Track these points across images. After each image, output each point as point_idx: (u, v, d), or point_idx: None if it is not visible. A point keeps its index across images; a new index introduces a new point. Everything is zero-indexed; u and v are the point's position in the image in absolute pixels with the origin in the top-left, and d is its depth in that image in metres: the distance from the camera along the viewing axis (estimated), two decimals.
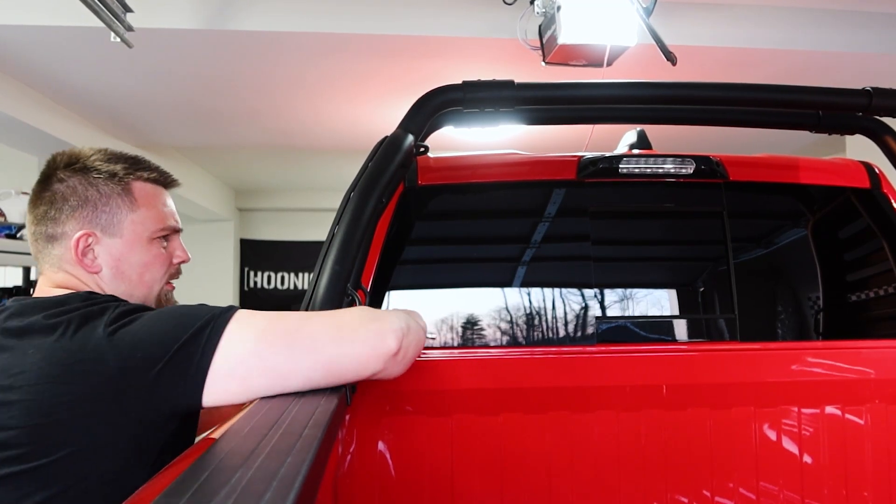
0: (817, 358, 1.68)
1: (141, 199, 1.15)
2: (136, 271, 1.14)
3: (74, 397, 0.89)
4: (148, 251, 1.15)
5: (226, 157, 6.62)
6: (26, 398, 0.90)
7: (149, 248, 1.15)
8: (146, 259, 1.15)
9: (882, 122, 1.77)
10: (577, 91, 1.67)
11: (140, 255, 1.15)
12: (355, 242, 1.27)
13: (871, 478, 1.63)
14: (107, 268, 1.12)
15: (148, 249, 1.15)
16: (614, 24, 2.69)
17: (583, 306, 1.74)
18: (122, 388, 0.90)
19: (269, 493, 0.54)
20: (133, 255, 1.14)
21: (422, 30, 3.35)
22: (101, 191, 1.12)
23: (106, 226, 1.12)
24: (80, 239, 1.10)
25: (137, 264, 1.14)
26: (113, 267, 1.12)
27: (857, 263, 1.85)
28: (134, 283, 1.14)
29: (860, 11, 3.45)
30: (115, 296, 1.08)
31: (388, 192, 1.42)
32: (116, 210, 1.13)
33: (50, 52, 3.52)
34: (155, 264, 1.16)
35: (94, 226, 1.11)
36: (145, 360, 0.90)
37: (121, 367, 0.90)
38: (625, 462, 1.60)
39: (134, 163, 1.18)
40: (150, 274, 1.16)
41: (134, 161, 1.18)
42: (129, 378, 0.90)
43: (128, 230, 1.13)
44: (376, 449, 1.53)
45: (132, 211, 1.14)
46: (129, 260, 1.13)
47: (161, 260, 1.18)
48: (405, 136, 1.46)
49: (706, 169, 1.79)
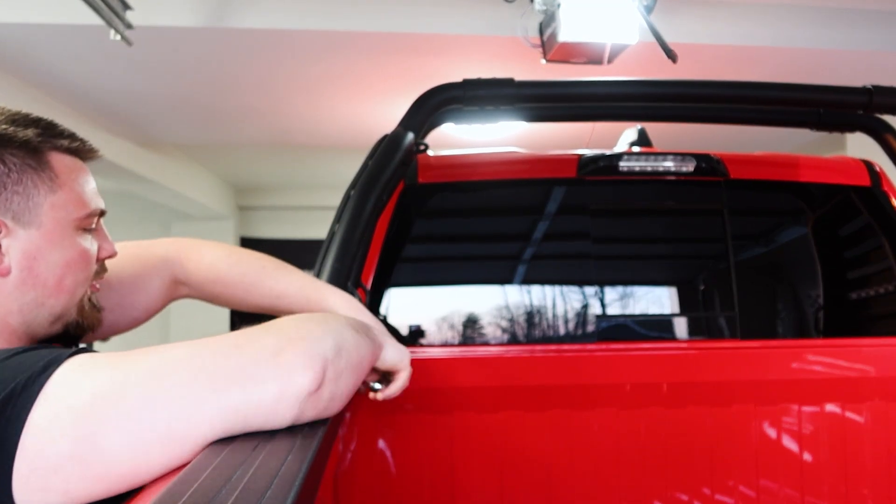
0: (817, 356, 1.68)
1: (62, 176, 0.86)
2: (55, 273, 0.85)
3: None
4: (72, 245, 0.86)
5: (226, 155, 6.61)
6: None
7: (72, 242, 0.87)
8: (69, 256, 0.86)
9: (882, 120, 1.77)
10: (577, 89, 1.67)
11: (62, 251, 0.85)
12: (355, 240, 1.27)
13: (870, 475, 1.63)
14: (17, 269, 0.82)
15: (72, 243, 0.87)
16: (615, 21, 2.68)
17: (583, 304, 1.74)
18: None
19: (270, 490, 0.54)
20: (53, 250, 0.85)
21: (422, 27, 3.34)
22: (9, 164, 0.82)
23: (19, 212, 0.82)
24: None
25: (58, 263, 0.85)
26: (25, 268, 0.83)
27: (858, 261, 1.85)
28: (50, 288, 0.85)
29: (861, 9, 3.45)
30: None
31: (389, 189, 1.42)
32: (32, 190, 0.83)
33: (49, 50, 3.52)
34: (80, 262, 0.88)
35: (4, 212, 0.81)
36: None
37: None
38: (625, 460, 1.60)
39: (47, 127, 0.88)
40: (73, 276, 0.87)
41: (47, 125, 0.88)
42: None
43: (48, 217, 0.84)
44: (376, 446, 1.53)
45: (52, 192, 0.84)
46: (47, 257, 0.84)
47: (86, 257, 0.89)
48: (405, 134, 1.47)
49: (706, 167, 1.79)
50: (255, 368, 0.68)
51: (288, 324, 0.77)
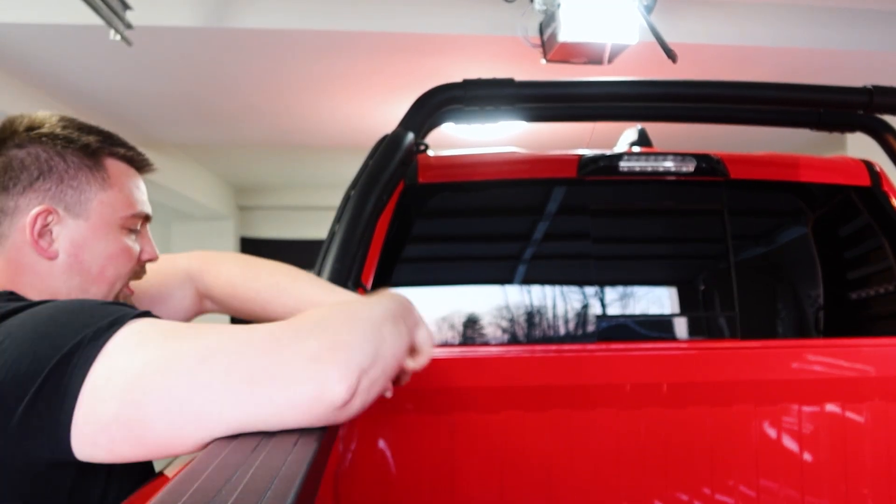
0: (817, 356, 1.68)
1: (114, 178, 0.96)
2: (98, 263, 0.93)
3: None
4: (116, 240, 0.95)
5: (226, 155, 6.61)
6: None
7: (117, 238, 0.95)
8: (112, 249, 0.95)
9: (882, 120, 1.77)
10: (577, 89, 1.67)
11: (106, 244, 0.94)
12: (356, 240, 1.27)
13: (870, 475, 1.64)
14: (64, 254, 0.91)
15: (116, 238, 0.95)
16: (615, 21, 2.68)
17: (583, 304, 1.74)
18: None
19: (270, 490, 0.54)
20: (99, 242, 0.93)
21: (422, 27, 3.34)
22: (68, 161, 0.92)
23: (71, 203, 0.91)
24: (38, 215, 0.89)
25: (101, 254, 0.93)
26: (72, 255, 0.91)
27: (858, 261, 1.85)
28: (93, 277, 0.93)
29: (862, 9, 3.45)
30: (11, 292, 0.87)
31: (389, 190, 1.42)
32: (85, 186, 0.93)
33: (49, 50, 3.52)
34: (121, 257, 0.96)
35: (58, 202, 0.91)
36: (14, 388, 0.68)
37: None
38: (625, 460, 1.60)
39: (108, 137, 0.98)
40: (114, 268, 0.95)
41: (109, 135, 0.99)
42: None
43: (96, 212, 0.93)
44: (377, 447, 1.53)
45: (103, 189, 0.94)
46: (93, 248, 0.93)
47: (128, 254, 0.97)
48: (405, 134, 1.47)
49: (707, 167, 1.79)
50: (292, 371, 0.68)
51: (335, 322, 0.76)
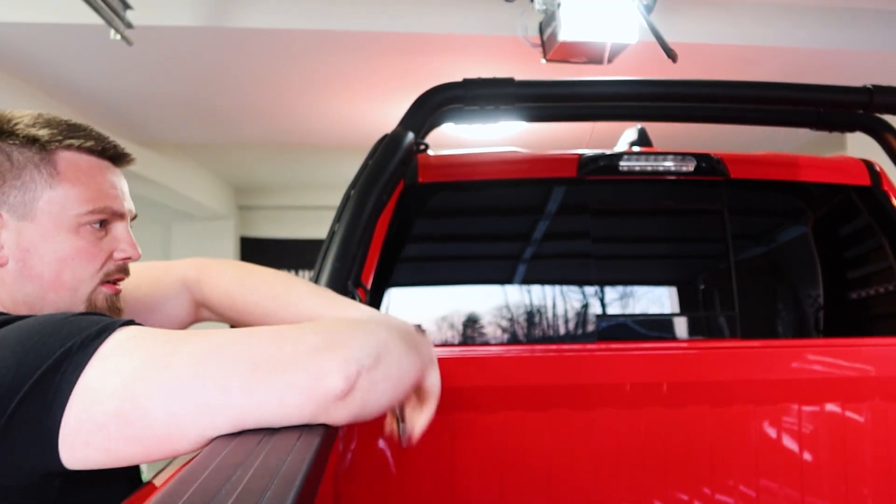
0: (818, 355, 1.68)
1: (65, 173, 0.87)
2: (50, 268, 0.86)
3: None
4: (69, 241, 0.87)
5: (226, 155, 6.61)
6: None
7: (71, 238, 0.87)
8: (64, 251, 0.86)
9: (882, 120, 1.77)
10: (577, 88, 1.67)
11: (57, 246, 0.86)
12: (356, 240, 1.27)
13: (870, 475, 1.63)
14: (13, 261, 0.85)
15: (69, 239, 0.87)
16: (615, 21, 2.68)
17: (583, 304, 1.74)
18: None
19: (270, 490, 0.54)
20: (48, 245, 0.86)
21: (422, 27, 3.34)
22: (13, 160, 0.85)
23: (15, 204, 0.85)
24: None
25: (53, 258, 0.86)
26: (20, 260, 0.85)
27: (858, 261, 1.85)
28: (47, 283, 0.86)
29: (862, 9, 3.45)
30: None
31: (389, 189, 1.42)
32: (30, 184, 0.85)
33: (50, 50, 3.52)
34: (79, 259, 0.87)
35: (1, 204, 0.85)
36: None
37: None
38: (625, 460, 1.60)
39: (68, 129, 0.89)
40: (71, 272, 0.87)
41: (69, 127, 0.90)
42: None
43: (43, 211, 0.85)
44: (377, 446, 1.53)
45: (50, 187, 0.86)
46: (40, 251, 0.85)
47: (90, 254, 0.88)
48: (405, 133, 1.47)
49: (707, 166, 1.79)
50: (292, 362, 0.69)
51: (337, 326, 0.78)
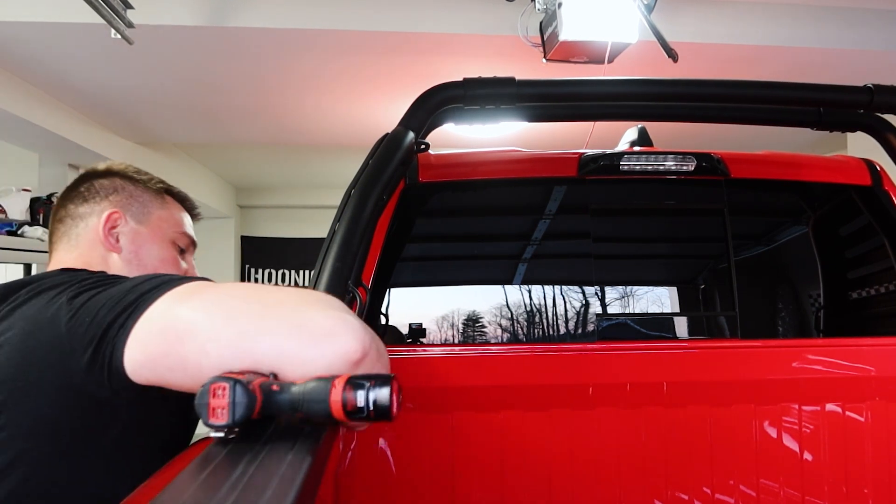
0: (818, 355, 1.68)
1: (170, 205, 1.24)
2: (152, 262, 1.16)
3: (30, 359, 0.86)
4: (168, 249, 1.20)
5: (226, 155, 6.61)
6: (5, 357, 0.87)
7: (168, 248, 1.20)
8: (165, 255, 1.19)
9: (883, 119, 1.77)
10: (578, 88, 1.67)
11: (160, 249, 1.19)
12: (356, 240, 1.27)
13: (871, 475, 1.63)
14: (127, 251, 1.15)
15: (168, 247, 1.20)
16: (616, 20, 2.68)
17: (583, 303, 1.74)
18: (67, 352, 0.84)
19: (271, 489, 0.54)
20: (154, 246, 1.18)
21: (422, 27, 3.34)
22: (137, 187, 1.20)
23: (136, 213, 1.18)
24: (110, 215, 1.14)
25: (155, 256, 1.17)
26: (133, 251, 1.15)
27: (858, 261, 1.85)
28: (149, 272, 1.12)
29: (862, 8, 3.45)
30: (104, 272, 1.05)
31: (389, 189, 1.42)
32: (149, 203, 1.20)
33: (50, 49, 3.52)
34: (170, 264, 1.19)
35: (126, 209, 1.17)
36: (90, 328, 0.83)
37: (69, 333, 0.84)
38: (625, 459, 1.60)
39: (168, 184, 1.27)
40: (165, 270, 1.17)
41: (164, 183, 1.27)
42: (73, 342, 0.83)
43: (154, 223, 1.19)
44: (377, 446, 1.53)
45: (161, 208, 1.21)
46: (149, 249, 1.17)
47: (177, 263, 1.21)
48: (406, 133, 1.46)
49: (707, 166, 1.79)
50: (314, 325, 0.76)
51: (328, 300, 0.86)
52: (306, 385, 0.68)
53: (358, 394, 0.67)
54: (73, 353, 0.83)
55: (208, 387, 0.65)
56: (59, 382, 0.84)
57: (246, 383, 0.66)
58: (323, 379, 0.68)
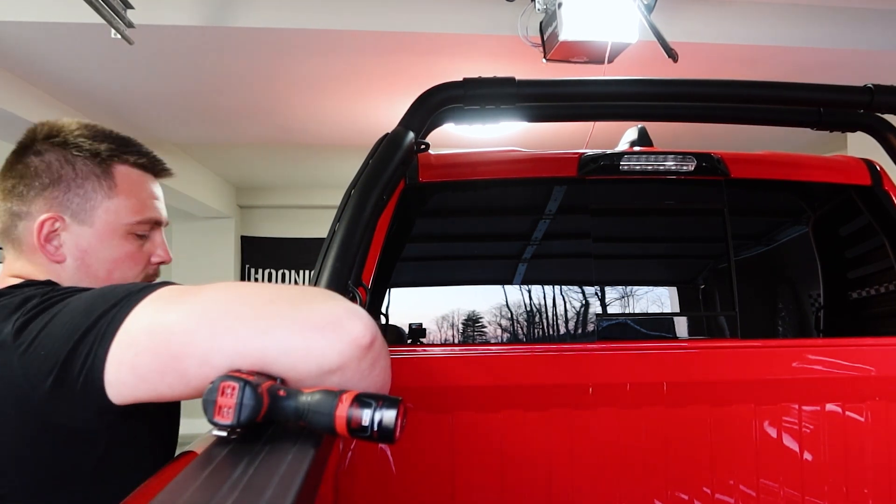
0: (818, 355, 1.68)
1: (121, 185, 1.01)
2: (104, 267, 0.99)
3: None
4: (121, 246, 1.01)
5: (227, 154, 6.61)
6: None
7: (122, 243, 1.01)
8: (118, 254, 1.00)
9: (884, 120, 1.76)
10: (578, 88, 1.67)
11: (111, 250, 1.00)
12: (356, 240, 1.27)
13: (871, 475, 1.63)
14: (71, 258, 0.98)
15: (121, 244, 1.01)
16: (616, 20, 2.68)
17: (583, 303, 1.74)
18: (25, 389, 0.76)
19: (271, 489, 0.54)
20: (103, 248, 0.99)
21: (422, 26, 3.34)
22: (77, 170, 0.98)
23: (77, 211, 0.98)
24: (44, 222, 0.96)
25: (107, 259, 0.99)
26: (78, 258, 0.98)
27: (858, 261, 1.85)
28: (101, 280, 0.98)
29: (862, 8, 3.45)
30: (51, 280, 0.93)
31: (389, 189, 1.42)
32: (92, 194, 0.99)
33: (50, 49, 3.52)
34: (127, 262, 1.02)
35: (64, 209, 0.97)
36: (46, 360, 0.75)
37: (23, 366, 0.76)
38: (625, 459, 1.60)
39: (122, 143, 1.03)
40: (121, 272, 1.01)
41: (122, 142, 1.04)
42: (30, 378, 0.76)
43: (101, 219, 0.99)
44: (377, 446, 1.53)
45: (108, 198, 1.00)
46: (97, 253, 0.99)
47: (135, 258, 1.03)
48: (406, 133, 1.46)
49: (707, 166, 1.79)
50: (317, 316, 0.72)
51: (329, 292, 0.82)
52: (313, 395, 0.68)
53: (364, 412, 0.67)
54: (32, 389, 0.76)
55: (218, 384, 0.65)
56: (21, 420, 0.78)
57: (255, 385, 0.66)
58: (331, 392, 0.68)
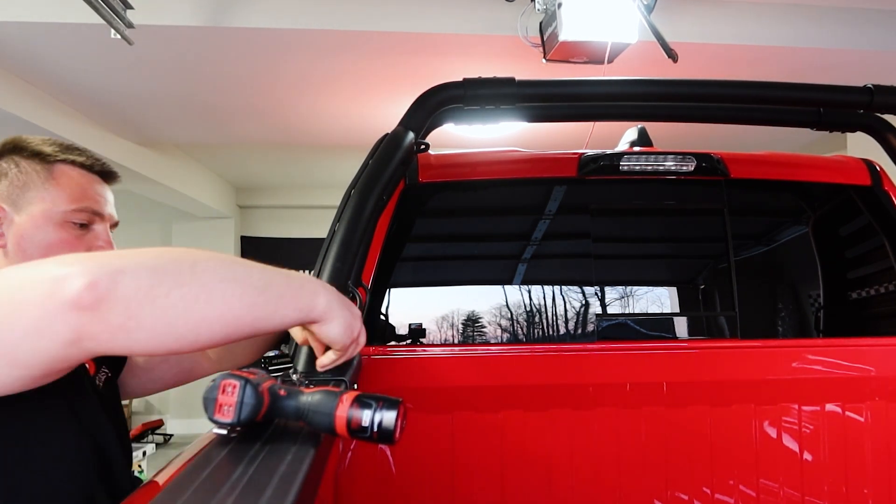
0: (818, 355, 1.68)
1: (59, 179, 1.08)
2: (38, 252, 1.03)
3: None
4: (55, 233, 1.06)
5: (226, 155, 6.62)
6: None
7: (56, 230, 1.06)
8: (50, 240, 1.05)
9: (883, 120, 1.77)
10: (577, 88, 1.67)
11: (44, 235, 1.05)
12: (356, 240, 1.27)
13: (871, 475, 1.64)
14: (11, 244, 1.05)
15: (56, 231, 1.06)
16: (615, 20, 2.68)
17: (583, 304, 1.74)
18: None
19: (271, 489, 0.54)
20: (37, 233, 1.05)
21: (423, 27, 3.34)
22: (21, 167, 1.07)
23: (15, 200, 1.06)
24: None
25: (40, 245, 1.04)
26: (16, 244, 1.04)
27: (858, 261, 1.85)
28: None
29: (862, 9, 3.45)
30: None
31: (389, 189, 1.42)
32: (30, 185, 1.06)
33: (50, 49, 3.52)
34: (61, 248, 1.05)
35: (5, 200, 1.06)
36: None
37: None
38: (625, 459, 1.60)
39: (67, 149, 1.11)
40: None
41: (70, 148, 1.11)
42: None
43: (36, 207, 1.06)
44: (377, 446, 1.53)
45: (45, 189, 1.07)
46: (31, 238, 1.05)
47: (69, 245, 1.06)
48: (406, 133, 1.46)
49: (707, 166, 1.79)
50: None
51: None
52: (314, 395, 0.68)
53: (364, 413, 0.67)
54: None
55: (219, 382, 0.65)
56: None
57: (256, 384, 0.66)
58: (331, 392, 0.68)
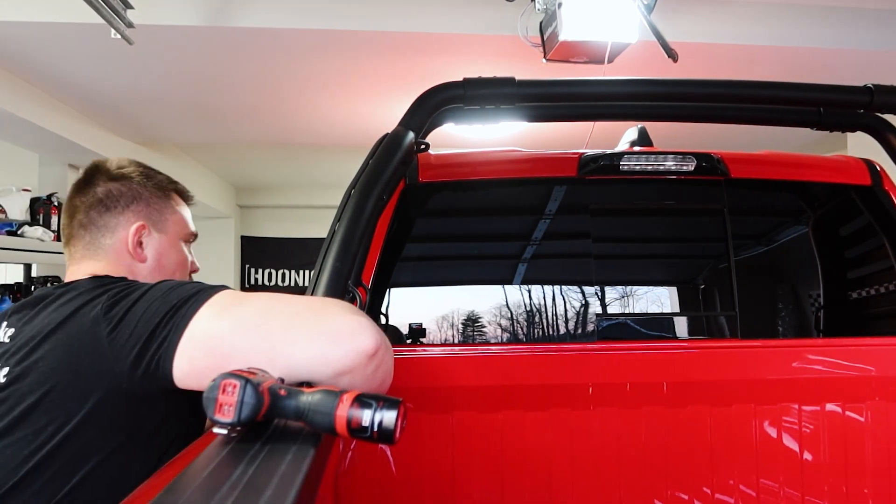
0: (818, 355, 1.68)
1: (178, 206, 1.30)
2: (171, 266, 1.25)
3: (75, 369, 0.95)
4: (181, 252, 1.28)
5: (227, 154, 6.61)
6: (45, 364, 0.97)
7: (182, 249, 1.28)
8: (180, 258, 1.27)
9: (883, 119, 1.77)
10: (577, 88, 1.67)
11: (177, 254, 1.26)
12: (356, 239, 1.27)
13: (871, 474, 1.64)
14: (151, 259, 1.22)
15: (181, 250, 1.28)
16: (615, 20, 2.68)
17: (583, 303, 1.74)
18: (111, 361, 0.94)
19: (271, 489, 0.54)
20: (172, 251, 1.26)
21: (423, 27, 3.34)
22: (151, 193, 1.26)
23: (156, 222, 1.24)
24: (139, 229, 1.21)
25: (174, 261, 1.26)
26: (156, 260, 1.23)
27: (858, 261, 1.85)
28: (168, 276, 1.22)
29: (863, 8, 3.44)
30: (125, 277, 1.14)
31: (389, 189, 1.42)
32: (164, 209, 1.26)
33: (50, 49, 3.52)
34: (184, 265, 1.28)
35: (148, 220, 1.23)
36: (130, 338, 0.94)
37: (111, 342, 0.94)
38: (625, 459, 1.60)
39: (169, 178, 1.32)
40: (181, 273, 1.27)
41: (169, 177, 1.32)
42: (115, 352, 0.94)
43: (171, 228, 1.26)
44: (377, 446, 1.53)
45: (173, 214, 1.27)
46: (169, 256, 1.25)
47: (186, 262, 1.29)
48: (406, 133, 1.46)
49: (707, 166, 1.79)
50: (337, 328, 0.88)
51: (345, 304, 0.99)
52: (314, 395, 0.67)
53: (364, 412, 0.67)
54: (116, 361, 0.93)
55: (219, 382, 0.65)
56: (106, 387, 0.94)
57: (256, 384, 0.65)
58: (331, 392, 0.68)
